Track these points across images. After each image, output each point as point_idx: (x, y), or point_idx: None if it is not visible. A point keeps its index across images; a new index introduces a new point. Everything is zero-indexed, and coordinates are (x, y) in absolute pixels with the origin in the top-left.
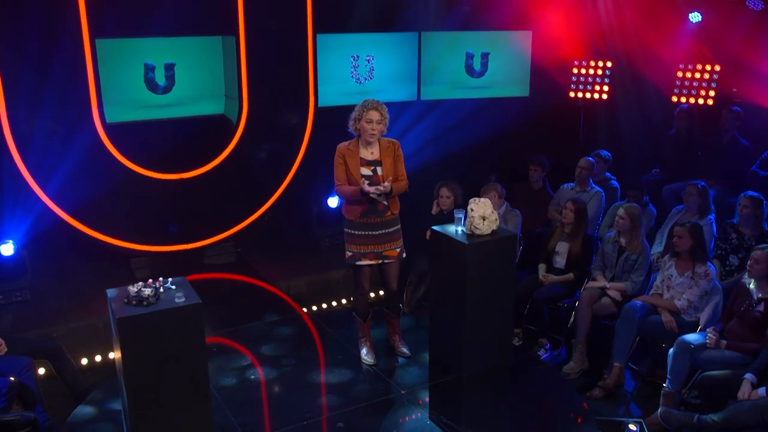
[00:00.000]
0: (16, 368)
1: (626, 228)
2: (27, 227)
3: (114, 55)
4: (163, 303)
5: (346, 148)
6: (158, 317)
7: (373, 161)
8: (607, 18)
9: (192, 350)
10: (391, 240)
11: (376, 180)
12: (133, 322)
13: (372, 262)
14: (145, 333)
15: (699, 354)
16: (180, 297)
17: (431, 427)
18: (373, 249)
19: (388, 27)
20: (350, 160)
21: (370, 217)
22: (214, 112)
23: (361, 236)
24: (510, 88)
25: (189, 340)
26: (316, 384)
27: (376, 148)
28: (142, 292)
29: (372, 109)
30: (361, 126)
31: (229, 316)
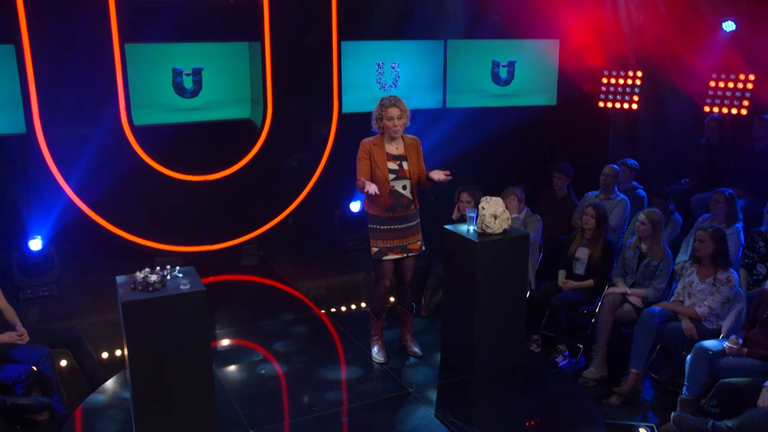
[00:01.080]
0: (35, 357)
1: (647, 233)
2: (55, 224)
3: (143, 60)
4: (168, 289)
5: (371, 144)
6: (163, 303)
7: (399, 156)
8: (638, 27)
9: (196, 336)
10: (414, 233)
11: (401, 174)
12: (138, 307)
13: (398, 256)
14: (149, 317)
15: (718, 361)
16: (185, 284)
17: (436, 424)
18: (399, 243)
19: (413, 35)
20: (377, 156)
21: (396, 210)
22: (240, 117)
23: (387, 230)
24: (537, 97)
25: (193, 326)
26: (324, 380)
27: (401, 143)
28: (149, 278)
29: (391, 106)
30: (383, 124)
31: (245, 314)
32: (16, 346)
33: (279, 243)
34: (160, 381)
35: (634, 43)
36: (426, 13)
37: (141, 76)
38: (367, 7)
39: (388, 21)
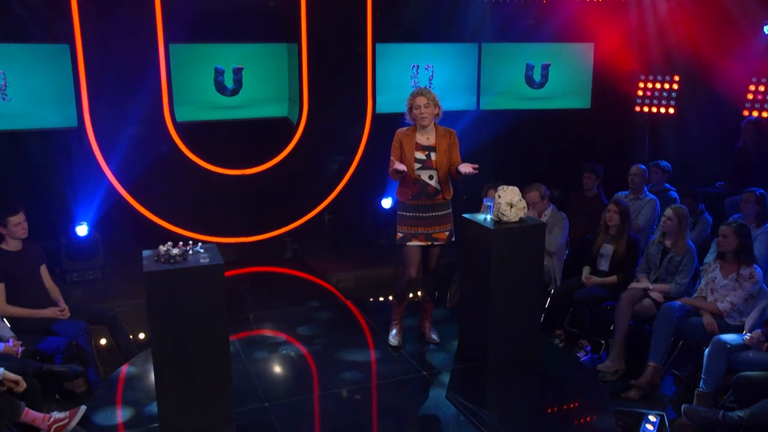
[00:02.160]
0: (74, 331)
1: (673, 228)
2: (100, 212)
3: (186, 59)
4: (188, 262)
5: (403, 133)
6: (182, 274)
7: (427, 146)
8: (674, 31)
9: (213, 308)
10: (442, 223)
11: (428, 164)
12: (158, 277)
13: (422, 244)
14: (168, 288)
15: (737, 355)
16: (205, 258)
17: (446, 404)
18: (423, 231)
19: (448, 38)
20: (406, 144)
21: (421, 199)
22: (278, 115)
23: (411, 218)
24: (571, 100)
25: (210, 298)
26: (342, 361)
27: (432, 134)
28: (171, 251)
29: (419, 96)
30: (413, 114)
31: (273, 301)
32: (57, 321)
33: (314, 237)
34: (180, 350)
35: (671, 48)
36: (460, 17)
37: (184, 74)
38: (402, 11)
39: (423, 24)
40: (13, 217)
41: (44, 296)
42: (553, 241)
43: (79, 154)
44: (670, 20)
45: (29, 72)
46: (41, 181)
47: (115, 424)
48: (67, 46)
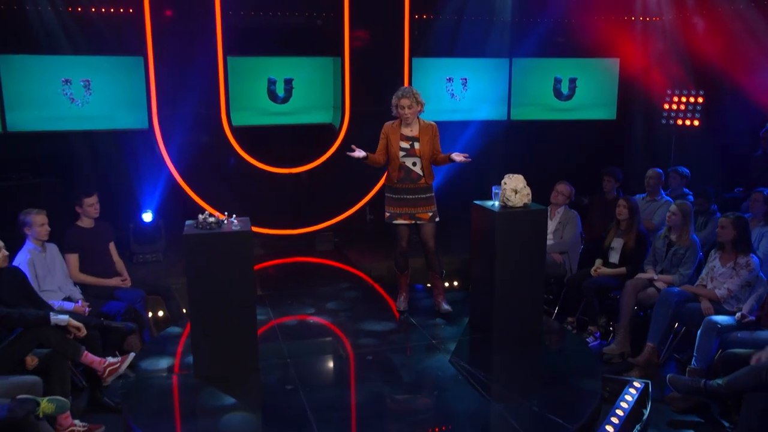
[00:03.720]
0: (133, 297)
1: (678, 223)
2: (164, 202)
3: (243, 70)
4: (222, 229)
5: (390, 126)
6: (214, 238)
7: (411, 137)
8: (698, 48)
9: (241, 268)
10: (424, 204)
11: (412, 152)
12: (194, 240)
13: (406, 222)
14: (203, 249)
15: (727, 335)
16: (236, 226)
17: (447, 366)
18: (407, 210)
19: (481, 53)
20: (392, 136)
21: (405, 182)
22: (323, 121)
23: (397, 199)
24: (597, 111)
25: (239, 259)
26: (361, 330)
27: (416, 127)
28: (208, 219)
29: (403, 97)
30: (398, 111)
31: (309, 282)
32: (120, 289)
33: (355, 233)
34: (212, 305)
35: (695, 65)
36: (493, 34)
37: (240, 83)
38: (438, 28)
39: (457, 40)
40: (87, 199)
41: (111, 268)
42: (564, 242)
43: (147, 152)
44: (694, 38)
45: (109, 80)
46: (115, 173)
47: (157, 369)
48: (141, 58)
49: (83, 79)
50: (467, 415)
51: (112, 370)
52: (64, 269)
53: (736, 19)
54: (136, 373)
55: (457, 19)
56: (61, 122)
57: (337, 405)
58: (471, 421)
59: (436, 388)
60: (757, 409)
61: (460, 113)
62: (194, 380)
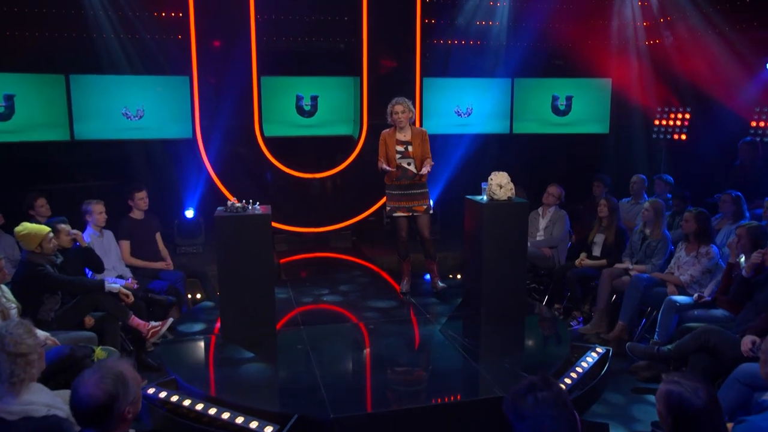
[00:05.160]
0: (174, 278)
1: (650, 218)
2: (204, 201)
3: (274, 88)
4: (246, 212)
5: (387, 133)
6: (239, 219)
7: (405, 141)
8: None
9: (261, 245)
10: (419, 198)
11: (406, 154)
12: (223, 220)
13: (405, 214)
14: (230, 229)
15: (686, 313)
16: (257, 210)
17: (437, 335)
18: (405, 204)
19: (486, 74)
20: (389, 141)
21: (402, 180)
22: (344, 133)
23: (396, 195)
24: (591, 126)
25: (259, 238)
26: (367, 306)
27: (409, 132)
28: (234, 204)
29: (397, 104)
30: (393, 117)
31: (326, 270)
32: (163, 271)
33: (371, 232)
34: (237, 278)
35: (682, 84)
36: (496, 57)
37: (272, 99)
38: (446, 52)
39: (464, 63)
40: (138, 193)
41: (157, 253)
42: (553, 238)
43: (190, 158)
44: (680, 60)
45: (160, 96)
46: (163, 176)
47: (191, 332)
48: (187, 78)
49: (139, 95)
50: (449, 371)
51: (155, 332)
52: (117, 252)
53: (715, 43)
54: (174, 335)
55: (464, 44)
56: (119, 132)
57: (337, 360)
58: (452, 376)
59: (424, 351)
60: (699, 367)
61: (467, 127)
62: (221, 340)
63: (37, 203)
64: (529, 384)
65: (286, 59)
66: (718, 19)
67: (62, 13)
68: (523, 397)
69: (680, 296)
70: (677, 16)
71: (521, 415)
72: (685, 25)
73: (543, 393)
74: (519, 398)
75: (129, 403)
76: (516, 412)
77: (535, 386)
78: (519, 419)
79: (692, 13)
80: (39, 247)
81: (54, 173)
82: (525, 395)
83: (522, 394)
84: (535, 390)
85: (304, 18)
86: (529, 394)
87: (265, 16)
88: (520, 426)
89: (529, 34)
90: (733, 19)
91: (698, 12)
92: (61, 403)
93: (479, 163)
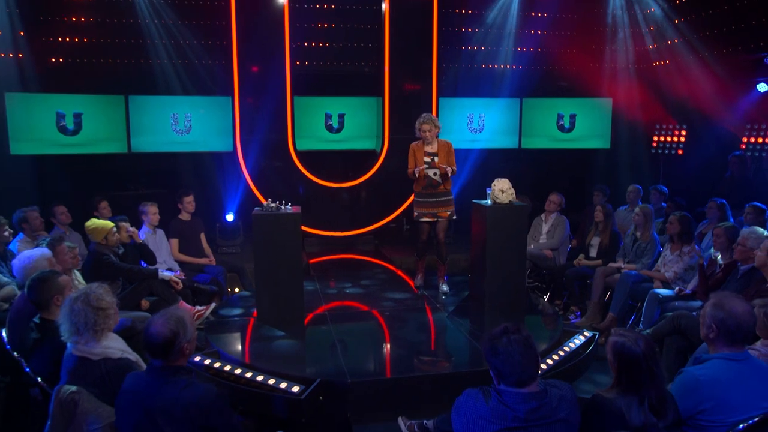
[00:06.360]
0: (216, 272)
1: (641, 222)
2: (243, 207)
3: (306, 107)
4: (279, 211)
5: (416, 145)
6: (273, 216)
7: (431, 153)
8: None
9: (292, 240)
10: (444, 205)
11: (433, 165)
12: (260, 217)
13: (430, 220)
14: (265, 225)
15: (668, 304)
16: (289, 209)
17: (443, 319)
18: (430, 210)
19: (496, 94)
20: (417, 152)
21: (428, 189)
22: (368, 147)
23: (423, 202)
24: (593, 141)
25: (290, 233)
26: (384, 296)
27: (435, 144)
28: (270, 204)
29: (424, 123)
30: (421, 133)
31: (349, 268)
32: (207, 266)
33: (392, 237)
34: (271, 267)
35: (679, 104)
36: (506, 79)
37: (303, 117)
38: (460, 75)
39: (477, 84)
40: (186, 197)
41: (201, 251)
42: (554, 241)
43: (231, 168)
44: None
45: (206, 114)
46: (207, 184)
47: (231, 314)
48: (229, 98)
49: (187, 113)
50: (451, 348)
51: (200, 315)
52: (167, 249)
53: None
54: (216, 318)
55: (476, 67)
56: (169, 145)
57: (356, 338)
58: (454, 352)
59: (432, 332)
60: (673, 349)
61: (479, 143)
62: (257, 321)
63: (100, 205)
64: (504, 328)
65: (316, 81)
66: (701, 46)
67: (124, 43)
68: (498, 338)
69: (662, 289)
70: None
71: (496, 351)
72: (676, 51)
73: (515, 336)
74: (495, 338)
75: (187, 341)
76: (492, 349)
77: (509, 330)
78: (494, 355)
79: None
80: (104, 239)
81: (114, 181)
82: (500, 336)
83: (498, 335)
84: (508, 333)
85: (333, 45)
86: (504, 336)
87: (299, 43)
88: (494, 360)
89: (536, 59)
90: (718, 45)
91: (684, 40)
92: (131, 351)
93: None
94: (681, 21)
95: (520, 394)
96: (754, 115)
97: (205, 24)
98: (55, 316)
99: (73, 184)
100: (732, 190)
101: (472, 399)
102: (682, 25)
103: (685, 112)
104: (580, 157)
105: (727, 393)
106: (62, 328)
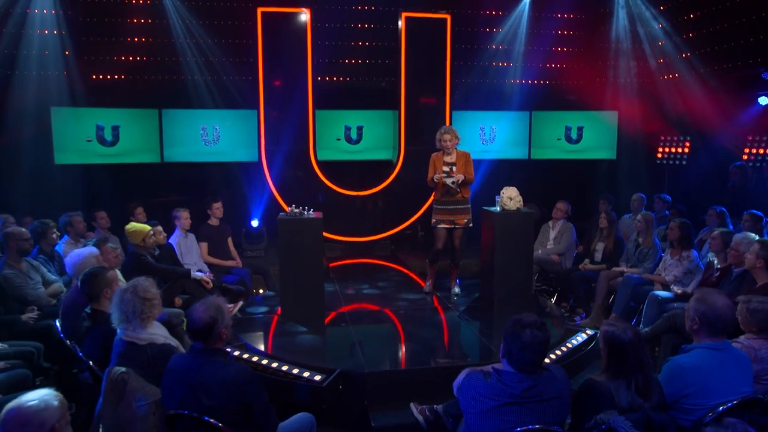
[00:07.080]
0: (242, 273)
1: (642, 228)
2: (267, 213)
3: (326, 119)
4: (302, 216)
5: (436, 155)
6: (297, 220)
7: (450, 163)
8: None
9: (314, 243)
10: (461, 213)
11: (451, 174)
12: (284, 222)
13: (447, 226)
14: (290, 229)
15: (667, 305)
16: (311, 214)
17: (456, 319)
18: (448, 217)
19: (507, 107)
20: (437, 162)
21: (446, 196)
22: (385, 158)
23: (441, 209)
24: (600, 152)
25: (312, 236)
26: (399, 297)
27: (454, 155)
28: (294, 210)
29: (445, 133)
30: (441, 144)
31: (367, 271)
32: (234, 267)
33: (408, 243)
34: (295, 267)
35: (682, 117)
36: (517, 93)
37: (324, 129)
38: (473, 88)
39: (488, 97)
40: (215, 203)
41: (228, 254)
42: (561, 247)
43: (257, 177)
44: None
45: (234, 126)
46: (234, 192)
47: (257, 312)
48: (255, 111)
49: (215, 125)
50: (462, 343)
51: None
52: (198, 251)
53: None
54: (243, 314)
55: (488, 82)
56: (199, 155)
57: (372, 333)
58: (463, 346)
59: (444, 328)
60: (669, 346)
61: (490, 153)
62: (280, 318)
63: (135, 211)
64: (533, 321)
65: (336, 95)
66: (701, 62)
67: (159, 60)
68: (523, 328)
69: (662, 291)
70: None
71: (516, 336)
72: (678, 67)
73: (538, 333)
74: (521, 326)
75: (224, 326)
76: (513, 333)
77: (536, 324)
78: (513, 338)
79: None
80: (142, 241)
81: (148, 188)
82: (526, 327)
83: (525, 325)
84: (534, 327)
85: (352, 61)
86: (528, 328)
87: (320, 60)
88: (511, 342)
89: (544, 74)
90: (718, 60)
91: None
92: (173, 339)
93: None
94: (682, 38)
95: (518, 375)
96: (755, 128)
97: (233, 42)
98: (104, 307)
99: (111, 191)
100: (734, 199)
101: (473, 379)
102: (683, 42)
103: (687, 125)
104: (586, 167)
105: (708, 379)
106: (113, 317)
